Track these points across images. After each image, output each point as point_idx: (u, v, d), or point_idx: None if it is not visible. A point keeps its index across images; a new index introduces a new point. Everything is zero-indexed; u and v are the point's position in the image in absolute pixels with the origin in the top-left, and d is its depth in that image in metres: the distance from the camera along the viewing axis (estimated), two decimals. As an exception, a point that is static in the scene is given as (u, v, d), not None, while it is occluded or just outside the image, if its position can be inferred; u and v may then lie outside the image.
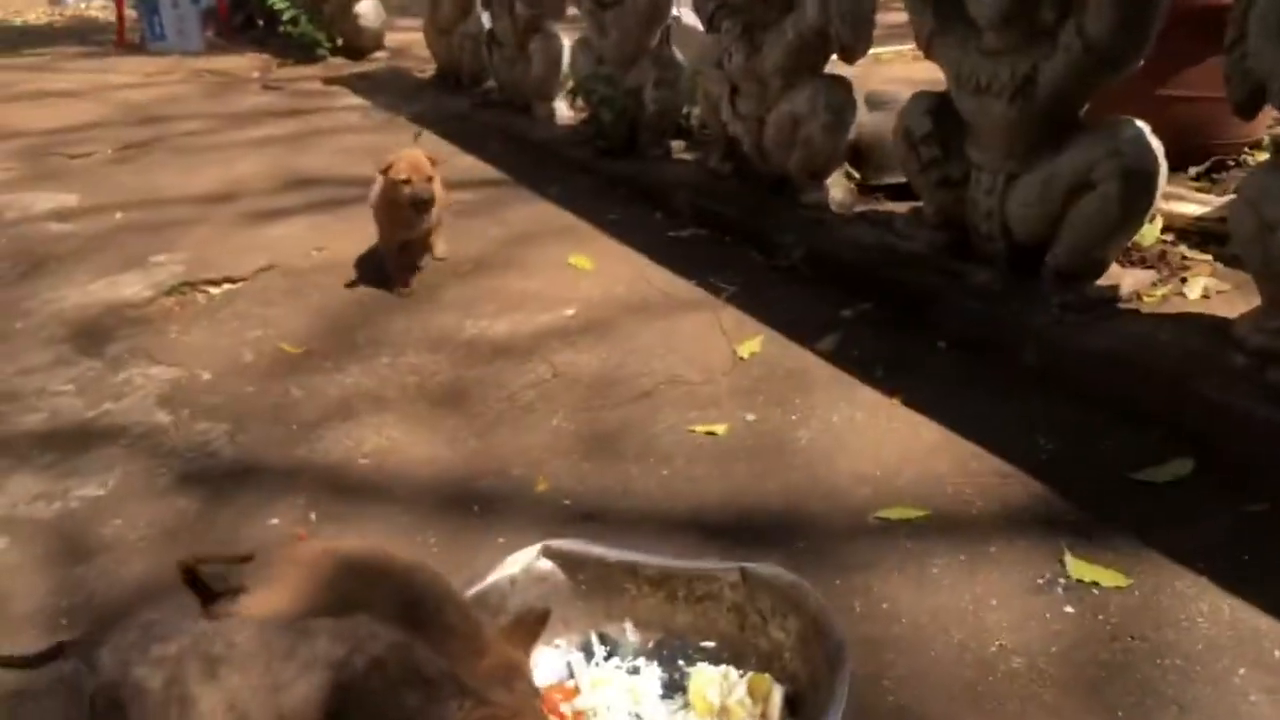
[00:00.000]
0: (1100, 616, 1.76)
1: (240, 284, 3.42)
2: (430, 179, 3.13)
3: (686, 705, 1.59)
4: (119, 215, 4.18)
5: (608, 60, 4.40)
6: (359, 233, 3.50)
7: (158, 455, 2.44)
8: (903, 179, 3.22)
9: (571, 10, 4.77)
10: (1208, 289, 2.62)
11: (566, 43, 4.91)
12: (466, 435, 2.45)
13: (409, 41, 7.67)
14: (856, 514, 2.09)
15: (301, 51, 7.79)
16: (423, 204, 3.14)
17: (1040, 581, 1.85)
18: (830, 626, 1.50)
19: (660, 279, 3.27)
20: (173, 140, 5.39)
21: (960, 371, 2.58)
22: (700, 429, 2.41)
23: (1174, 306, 2.57)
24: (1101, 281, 2.63)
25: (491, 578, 1.69)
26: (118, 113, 6.12)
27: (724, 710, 1.56)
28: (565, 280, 3.31)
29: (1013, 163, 2.69)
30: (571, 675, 1.68)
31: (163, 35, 8.74)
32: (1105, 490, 2.08)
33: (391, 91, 6.41)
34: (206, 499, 2.26)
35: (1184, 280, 2.68)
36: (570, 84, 4.82)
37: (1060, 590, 1.82)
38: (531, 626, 1.53)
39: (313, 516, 2.17)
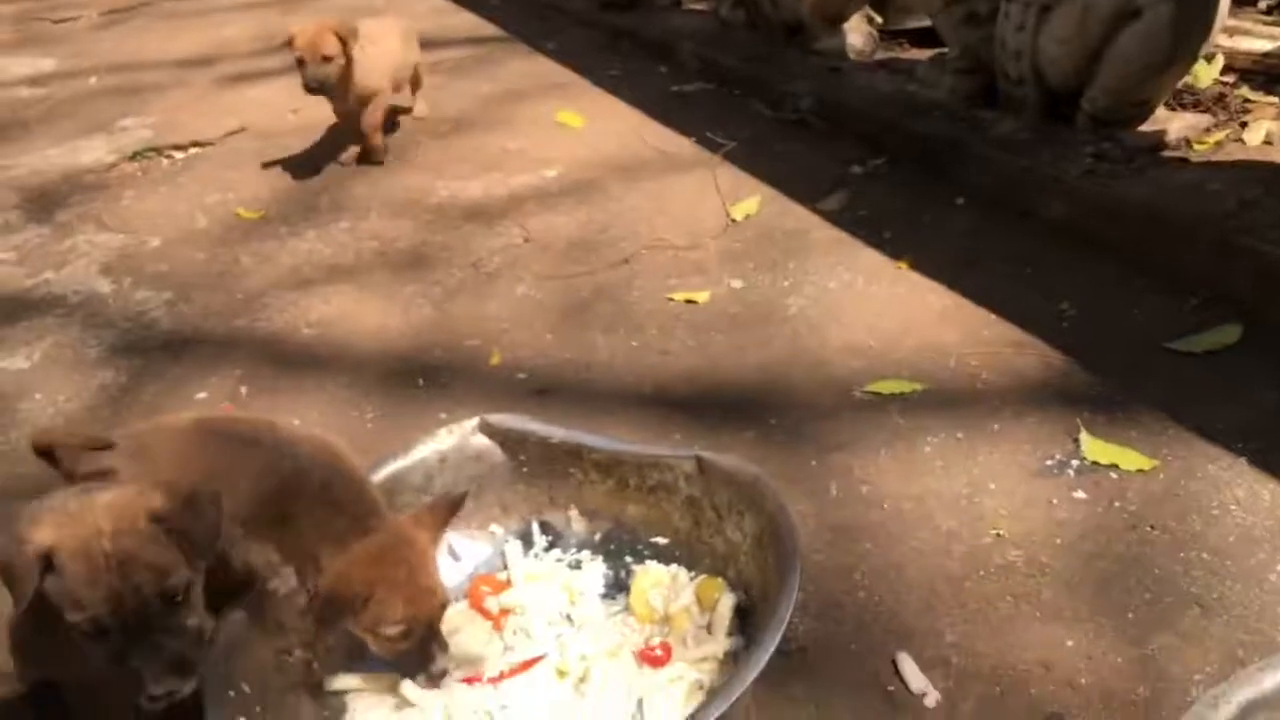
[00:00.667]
0: (1117, 503, 1.50)
1: (207, 148, 3.18)
2: (328, 58, 2.65)
3: (627, 608, 1.38)
4: (93, 80, 3.94)
5: (612, -100, 4.01)
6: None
7: (92, 326, 2.25)
8: (928, 23, 2.86)
9: None
10: (1271, 134, 2.27)
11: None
12: (422, 303, 2.22)
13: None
14: (843, 388, 1.83)
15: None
16: (317, 88, 2.67)
17: (1050, 463, 1.59)
18: (786, 531, 1.26)
19: (656, 136, 2.97)
20: (160, 4, 5.11)
21: (980, 231, 2.28)
22: (679, 296, 2.16)
23: (1229, 154, 2.23)
24: (1145, 127, 2.30)
25: (418, 453, 1.48)
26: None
27: (667, 618, 1.35)
28: (552, 139, 3.03)
29: (1048, -10, 2.34)
30: (505, 566, 1.47)
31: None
32: (1135, 361, 1.80)
33: (398, -48, 6.02)
34: (135, 372, 2.07)
35: (1244, 125, 2.33)
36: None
37: (1072, 473, 1.57)
38: (442, 512, 1.32)
39: (244, 390, 1.97)
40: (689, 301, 2.14)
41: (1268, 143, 2.24)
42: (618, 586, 1.43)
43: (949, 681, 1.27)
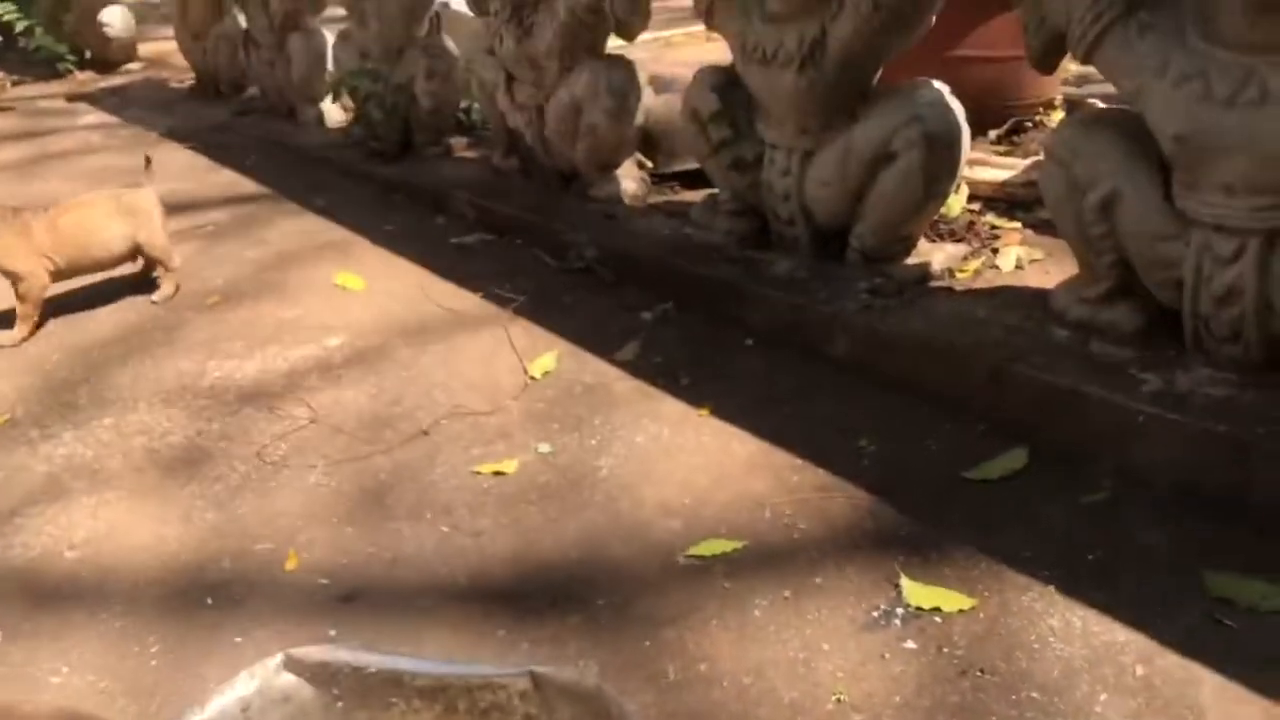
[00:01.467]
0: (945, 649, 1.52)
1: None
2: None
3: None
4: None
5: (372, 54, 3.99)
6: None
7: None
8: (697, 165, 2.97)
9: (332, 7, 4.34)
10: (1020, 259, 2.46)
11: (330, 38, 4.47)
12: (204, 507, 2.03)
13: (168, 51, 6.98)
14: (665, 554, 1.80)
15: (44, 67, 7.02)
16: None
17: (875, 614, 1.60)
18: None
19: (442, 293, 2.91)
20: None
21: (771, 371, 2.34)
22: (486, 469, 2.08)
23: (989, 280, 2.40)
24: (911, 260, 2.44)
25: (216, 703, 1.31)
26: None
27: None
28: (331, 304, 2.91)
29: (807, 139, 2.47)
30: (322, 820, 1.32)
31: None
32: (937, 493, 1.86)
33: (144, 104, 5.78)
34: None
35: (995, 251, 2.52)
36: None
37: (898, 622, 1.58)
38: None
39: (-3, 637, 1.72)
40: (496, 473, 2.06)
41: (1019, 267, 2.42)
42: (457, 826, 1.31)
43: None
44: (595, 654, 1.57)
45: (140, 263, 3.05)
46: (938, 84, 2.30)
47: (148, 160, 3.07)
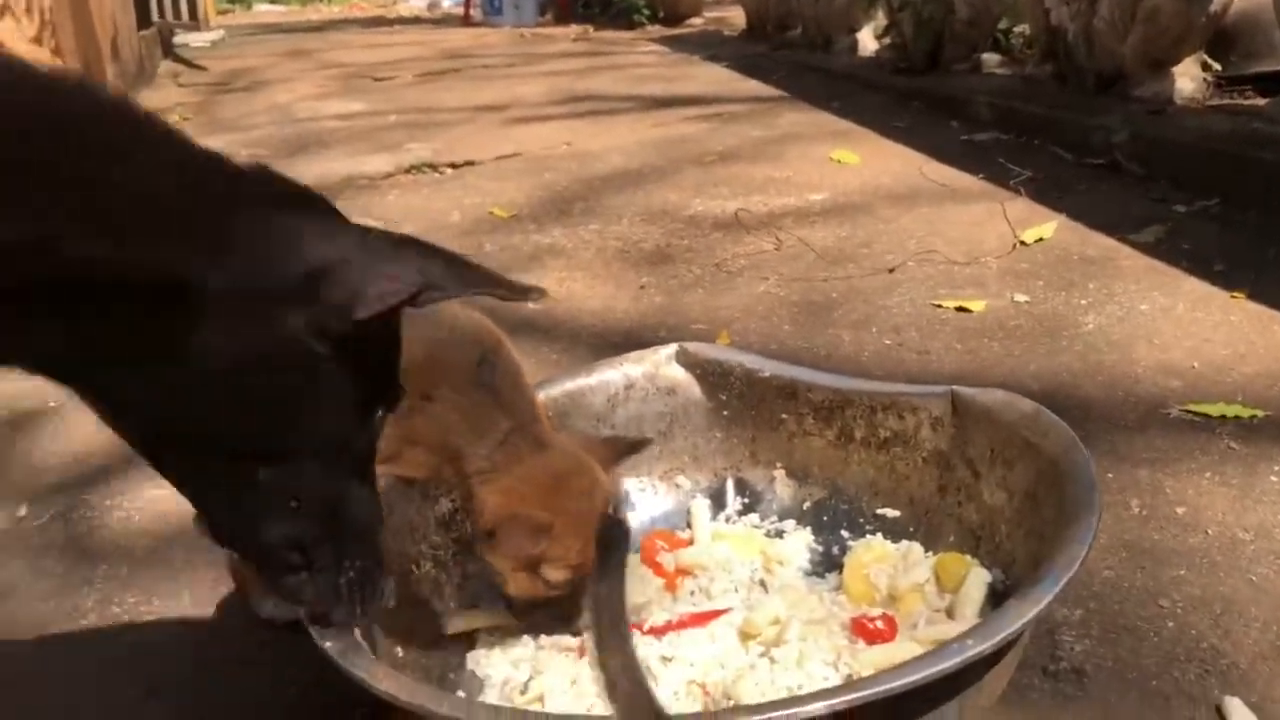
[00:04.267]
0: None
1: (478, 165, 3.20)
2: None
3: (839, 587, 1.06)
4: (393, 118, 4.16)
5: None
6: (610, 133, 3.21)
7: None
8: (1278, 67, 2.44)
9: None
10: None
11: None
12: (654, 293, 2.02)
13: (731, 15, 7.48)
14: (1153, 404, 1.44)
15: (623, 20, 7.87)
16: None
17: None
18: (1081, 467, 0.92)
19: (939, 173, 2.68)
20: (470, 71, 5.44)
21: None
22: (949, 303, 1.84)
23: None
24: None
25: (602, 374, 1.24)
26: (430, 53, 6.33)
27: (891, 598, 1.01)
28: (822, 171, 2.81)
29: None
30: (689, 525, 1.19)
31: (499, 11, 9.18)
32: None
33: (695, 45, 6.18)
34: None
35: None
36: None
37: None
38: (620, 449, 1.07)
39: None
40: (960, 309, 1.81)
41: None
42: (828, 564, 1.11)
43: (1304, 747, 0.85)
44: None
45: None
46: None
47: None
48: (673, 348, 1.27)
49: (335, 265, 0.65)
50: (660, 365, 1.25)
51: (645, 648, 0.95)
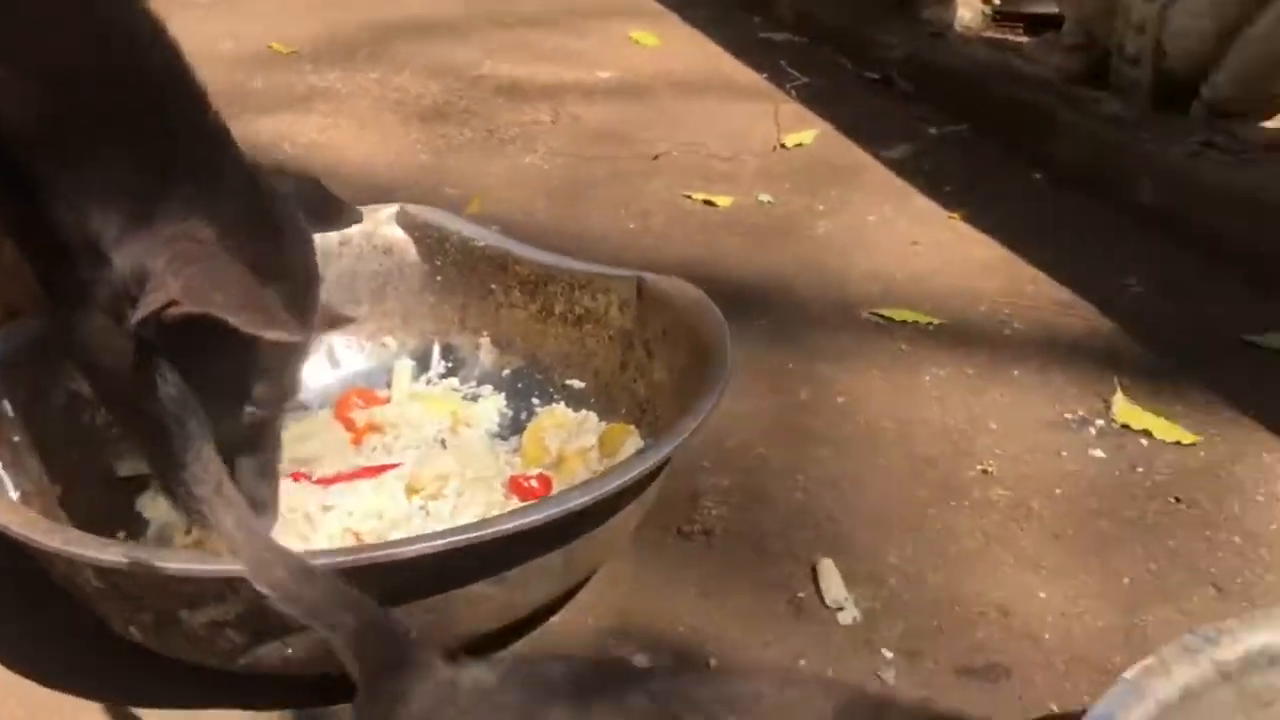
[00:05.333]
0: (1140, 469, 1.22)
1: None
2: None
3: (517, 450, 1.14)
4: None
5: None
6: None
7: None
8: (1054, 8, 2.59)
9: None
10: None
11: None
12: (420, 151, 2.02)
13: None
14: (852, 306, 1.57)
15: None
16: None
17: (1069, 418, 1.31)
18: (722, 351, 1.02)
19: (729, 66, 2.75)
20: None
21: (1052, 206, 2.00)
22: (698, 196, 1.92)
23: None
24: (1270, 124, 2.00)
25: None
26: None
27: (559, 461, 1.10)
28: (617, 48, 2.82)
29: (1189, -45, 2.05)
30: (389, 385, 1.24)
31: None
32: (1200, 344, 1.50)
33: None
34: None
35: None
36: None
37: (1092, 431, 1.29)
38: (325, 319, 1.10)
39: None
40: (707, 203, 1.90)
41: None
42: (514, 428, 1.19)
43: (876, 603, 1.00)
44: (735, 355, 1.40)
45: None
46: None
47: None
48: (394, 208, 1.30)
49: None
50: (380, 224, 1.28)
51: (308, 496, 1.01)
